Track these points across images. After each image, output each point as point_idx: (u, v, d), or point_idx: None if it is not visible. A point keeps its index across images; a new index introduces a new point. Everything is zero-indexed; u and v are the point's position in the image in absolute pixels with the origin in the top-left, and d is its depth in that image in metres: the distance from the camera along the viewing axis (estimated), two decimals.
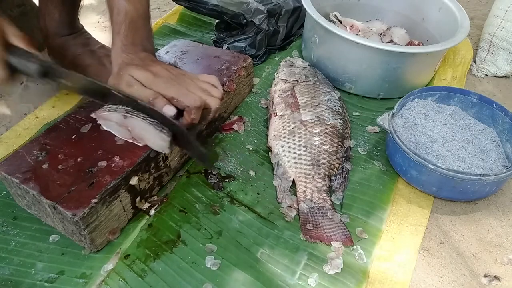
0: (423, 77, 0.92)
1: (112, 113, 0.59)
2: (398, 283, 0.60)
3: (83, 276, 0.58)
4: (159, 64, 0.61)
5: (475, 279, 0.62)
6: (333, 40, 0.88)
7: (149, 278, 0.58)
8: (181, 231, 0.64)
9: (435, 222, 0.69)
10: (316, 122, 0.77)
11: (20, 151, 0.62)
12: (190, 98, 0.58)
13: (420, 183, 0.71)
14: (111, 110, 0.59)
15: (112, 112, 0.59)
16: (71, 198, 0.55)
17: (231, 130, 0.81)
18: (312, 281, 0.59)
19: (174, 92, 0.58)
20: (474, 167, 0.70)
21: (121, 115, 0.58)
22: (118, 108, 0.59)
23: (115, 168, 0.59)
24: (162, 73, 0.59)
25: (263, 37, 0.96)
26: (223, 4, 0.93)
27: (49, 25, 0.84)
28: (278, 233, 0.65)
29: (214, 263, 0.60)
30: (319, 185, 0.69)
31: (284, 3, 0.99)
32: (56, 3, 0.82)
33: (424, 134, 0.76)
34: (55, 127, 0.66)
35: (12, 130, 0.81)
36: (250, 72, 0.86)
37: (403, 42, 1.00)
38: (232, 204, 0.68)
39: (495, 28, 0.99)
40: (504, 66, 1.01)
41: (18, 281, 0.57)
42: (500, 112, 0.76)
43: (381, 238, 0.65)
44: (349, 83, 0.91)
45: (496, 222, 0.70)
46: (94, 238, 0.58)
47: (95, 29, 1.13)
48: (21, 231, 0.63)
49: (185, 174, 0.72)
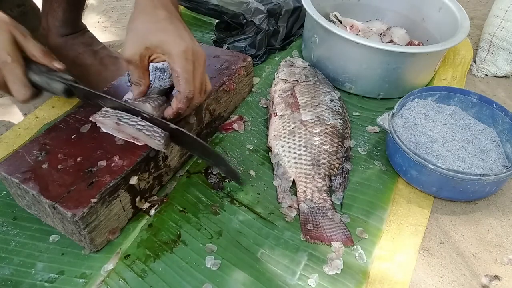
0: (423, 77, 0.92)
1: (106, 119, 0.60)
2: (398, 283, 0.60)
3: (83, 276, 0.58)
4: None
5: (475, 279, 0.62)
6: (333, 40, 0.88)
7: (149, 278, 0.58)
8: (181, 231, 0.64)
9: (435, 222, 0.69)
10: (316, 122, 0.77)
11: (20, 151, 0.62)
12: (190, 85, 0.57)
13: (420, 183, 0.71)
14: (105, 116, 0.61)
15: (105, 118, 0.60)
16: (70, 198, 0.55)
17: (231, 129, 0.81)
18: (312, 281, 0.59)
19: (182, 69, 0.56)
20: (474, 167, 0.70)
21: (114, 122, 0.60)
22: (111, 114, 0.60)
23: (114, 168, 0.59)
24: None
25: (263, 37, 0.95)
26: (223, 4, 0.93)
27: (51, 24, 0.84)
28: (278, 233, 0.65)
29: (214, 263, 0.60)
30: (319, 185, 0.69)
31: (284, 3, 0.99)
32: (60, 2, 0.82)
33: (424, 134, 0.76)
34: (55, 127, 0.66)
35: (12, 130, 0.81)
36: (250, 71, 0.86)
37: (403, 42, 1.00)
38: (232, 204, 0.68)
39: (495, 28, 0.99)
40: (504, 66, 1.01)
41: (18, 281, 0.57)
42: (500, 112, 0.76)
43: (381, 238, 0.65)
44: (349, 83, 0.91)
45: (496, 222, 0.70)
46: (94, 237, 0.58)
47: (95, 29, 1.13)
48: (21, 231, 0.63)
49: (185, 174, 0.72)
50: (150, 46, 0.56)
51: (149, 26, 0.56)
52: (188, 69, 0.56)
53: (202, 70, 0.59)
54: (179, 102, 0.58)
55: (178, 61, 0.55)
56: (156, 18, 0.56)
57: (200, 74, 0.59)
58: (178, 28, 0.57)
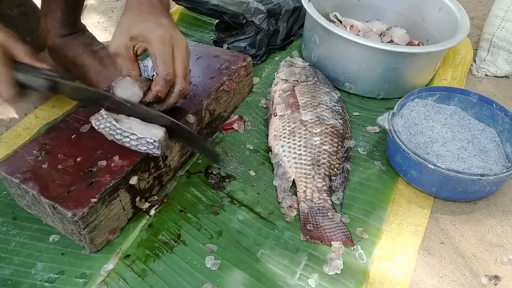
0: (423, 77, 0.92)
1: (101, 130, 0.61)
2: (398, 283, 0.60)
3: (83, 276, 0.58)
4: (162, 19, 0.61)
5: (475, 279, 0.62)
6: (333, 40, 0.88)
7: (149, 278, 0.58)
8: (181, 231, 0.64)
9: (435, 222, 0.69)
10: (316, 122, 0.77)
11: (20, 151, 0.62)
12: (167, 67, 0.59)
13: (420, 183, 0.71)
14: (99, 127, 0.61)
15: (100, 129, 0.61)
16: (70, 197, 0.55)
17: (231, 129, 0.81)
18: (312, 281, 0.59)
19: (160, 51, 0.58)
20: (474, 167, 0.70)
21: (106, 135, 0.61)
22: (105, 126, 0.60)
23: (114, 168, 0.59)
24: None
25: (263, 37, 0.95)
26: (223, 4, 0.93)
27: (50, 25, 0.84)
28: (278, 233, 0.65)
29: (214, 263, 0.60)
30: (319, 185, 0.69)
31: (284, 3, 0.99)
32: (59, 3, 0.82)
33: (424, 134, 0.76)
34: (55, 127, 0.66)
35: (12, 130, 0.81)
36: (250, 71, 0.86)
37: (403, 42, 1.00)
38: (232, 204, 0.68)
39: (495, 28, 0.99)
40: (504, 66, 1.01)
41: (18, 281, 0.57)
42: (500, 112, 0.76)
43: (381, 238, 0.65)
44: (349, 83, 0.91)
45: (496, 222, 0.70)
46: (94, 237, 0.58)
47: (95, 29, 1.13)
48: (21, 231, 0.63)
49: (185, 174, 0.72)
50: (133, 36, 0.59)
51: (132, 19, 0.60)
52: (165, 51, 0.58)
53: (183, 56, 0.61)
54: (157, 84, 0.60)
55: (155, 45, 0.58)
56: (139, 12, 0.60)
57: (181, 59, 0.60)
58: (158, 18, 0.60)
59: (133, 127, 0.59)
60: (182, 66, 0.60)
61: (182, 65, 0.60)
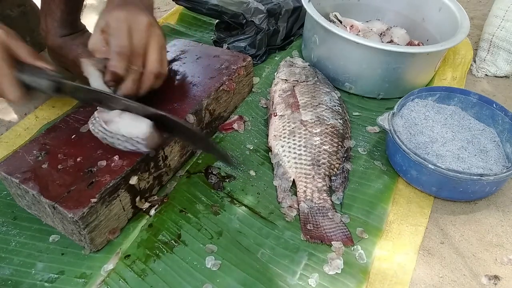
0: (423, 77, 0.92)
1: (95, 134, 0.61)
2: (398, 283, 0.60)
3: (83, 276, 0.58)
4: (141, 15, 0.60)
5: (475, 279, 0.62)
6: (333, 40, 0.88)
7: (149, 278, 0.58)
8: (181, 231, 0.64)
9: (435, 222, 0.69)
10: (316, 122, 0.77)
11: (20, 151, 0.62)
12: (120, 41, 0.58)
13: (420, 183, 0.71)
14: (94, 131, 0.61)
15: (95, 134, 0.61)
16: (70, 197, 0.55)
17: (231, 129, 0.81)
18: (312, 281, 0.59)
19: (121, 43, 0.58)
20: (474, 167, 0.70)
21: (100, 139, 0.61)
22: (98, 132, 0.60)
23: (114, 168, 0.59)
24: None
25: (263, 37, 0.95)
26: (223, 4, 0.93)
27: (50, 25, 0.84)
28: (278, 233, 0.65)
29: (215, 264, 0.60)
30: (319, 185, 0.69)
31: (284, 3, 0.99)
32: (58, 3, 0.82)
33: (424, 134, 0.76)
34: (55, 127, 0.66)
35: (12, 130, 0.81)
36: (249, 71, 0.86)
37: (403, 42, 1.00)
38: (232, 204, 0.68)
39: (495, 28, 0.99)
40: (504, 66, 1.01)
41: (18, 281, 0.57)
42: (500, 112, 0.76)
43: (381, 238, 0.65)
44: (349, 83, 0.91)
45: (496, 222, 0.70)
46: (94, 237, 0.58)
47: None
48: (21, 231, 0.63)
49: (185, 174, 0.72)
50: (102, 28, 0.59)
51: (103, 13, 0.60)
52: (118, 27, 0.58)
53: (142, 35, 0.59)
54: (110, 58, 0.58)
55: (110, 23, 0.58)
56: (112, 5, 0.61)
57: (139, 38, 0.59)
58: (125, 6, 0.60)
59: (121, 127, 0.59)
60: (140, 43, 0.59)
61: (141, 43, 0.59)
